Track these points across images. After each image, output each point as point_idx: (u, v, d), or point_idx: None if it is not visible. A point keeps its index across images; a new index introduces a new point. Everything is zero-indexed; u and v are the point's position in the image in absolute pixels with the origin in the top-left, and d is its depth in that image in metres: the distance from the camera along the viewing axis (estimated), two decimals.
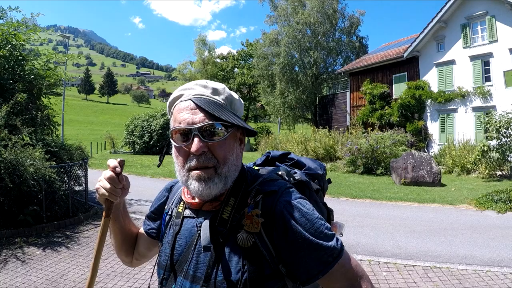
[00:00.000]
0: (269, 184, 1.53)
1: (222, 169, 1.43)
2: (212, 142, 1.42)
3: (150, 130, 38.82)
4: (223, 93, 1.52)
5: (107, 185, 1.53)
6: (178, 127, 1.43)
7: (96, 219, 10.85)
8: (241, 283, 1.37)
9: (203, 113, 1.42)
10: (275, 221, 1.42)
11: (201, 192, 1.43)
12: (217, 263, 1.41)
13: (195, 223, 1.53)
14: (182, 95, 1.50)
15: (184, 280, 1.48)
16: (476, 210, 11.85)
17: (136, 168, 24.57)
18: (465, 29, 26.44)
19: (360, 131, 24.34)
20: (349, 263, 1.47)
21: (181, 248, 1.54)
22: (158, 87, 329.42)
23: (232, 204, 1.48)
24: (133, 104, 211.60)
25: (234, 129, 1.49)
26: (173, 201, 1.71)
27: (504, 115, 18.58)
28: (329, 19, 43.63)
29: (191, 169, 1.43)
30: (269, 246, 1.42)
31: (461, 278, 6.55)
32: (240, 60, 62.67)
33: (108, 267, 7.07)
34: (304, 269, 1.43)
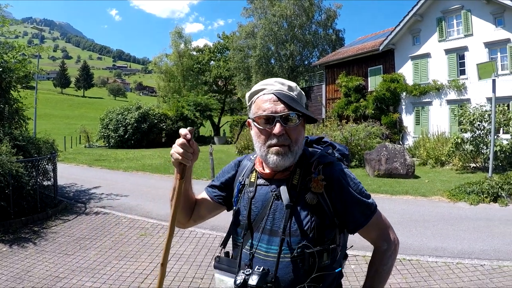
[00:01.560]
0: (324, 157, 1.97)
1: (294, 147, 1.85)
2: (289, 127, 1.83)
3: (125, 124, 38.14)
4: (296, 90, 1.93)
5: (180, 150, 1.79)
6: (264, 114, 1.83)
7: (65, 214, 10.55)
8: (310, 230, 1.80)
9: (283, 104, 1.82)
10: (334, 184, 1.87)
11: (277, 163, 1.84)
12: (291, 217, 1.83)
13: (269, 189, 1.94)
14: (264, 89, 1.89)
15: (262, 234, 1.89)
16: (449, 202, 11.82)
17: (109, 162, 24.11)
18: (440, 23, 26.48)
19: (335, 124, 24.14)
20: (381, 217, 2.01)
21: (257, 209, 1.94)
22: (134, 80, 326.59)
23: (299, 173, 1.91)
24: (109, 97, 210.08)
25: (302, 117, 1.88)
26: (244, 173, 2.11)
27: (478, 108, 18.56)
28: (306, 12, 43.55)
29: (271, 145, 1.83)
30: (328, 203, 1.86)
31: (431, 270, 6.47)
32: (216, 52, 62.34)
33: (73, 262, 6.95)
34: (352, 220, 1.91)
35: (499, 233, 8.49)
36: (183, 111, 41.45)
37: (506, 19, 22.92)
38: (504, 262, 6.75)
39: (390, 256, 2.00)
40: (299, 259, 1.80)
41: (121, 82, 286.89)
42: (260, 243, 1.88)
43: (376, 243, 2.03)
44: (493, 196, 11.51)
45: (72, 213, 10.59)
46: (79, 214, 10.53)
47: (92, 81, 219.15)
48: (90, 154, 29.77)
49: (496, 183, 11.84)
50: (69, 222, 9.80)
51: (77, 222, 9.76)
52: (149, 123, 38.78)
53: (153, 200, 12.39)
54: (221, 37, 63.04)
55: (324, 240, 1.82)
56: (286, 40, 43.60)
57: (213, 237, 8.45)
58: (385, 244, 2.00)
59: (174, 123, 40.44)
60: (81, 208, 11.28)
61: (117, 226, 9.44)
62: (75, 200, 12.27)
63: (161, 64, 59.20)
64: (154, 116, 39.84)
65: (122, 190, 13.86)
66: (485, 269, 6.44)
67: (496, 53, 23.43)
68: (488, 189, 11.69)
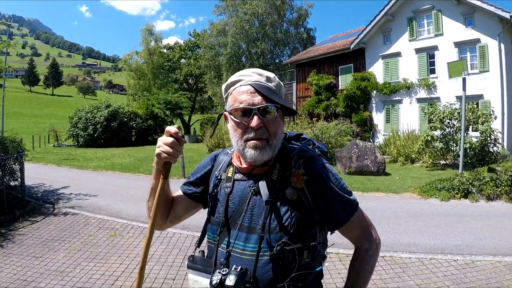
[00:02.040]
0: (305, 152, 1.90)
1: (273, 141, 1.77)
2: (267, 119, 1.75)
3: (94, 122, 37.26)
4: (274, 81, 1.85)
5: (169, 150, 1.74)
6: (240, 106, 1.75)
7: (33, 215, 10.18)
8: (290, 226, 1.72)
9: (261, 96, 1.74)
10: (315, 179, 1.81)
11: (255, 158, 1.75)
12: (271, 213, 1.75)
13: (247, 185, 1.85)
14: (241, 80, 1.80)
15: (239, 232, 1.79)
16: (420, 198, 11.89)
17: (78, 161, 23.57)
18: (411, 22, 26.70)
19: (305, 122, 24.11)
20: (362, 214, 1.95)
21: (234, 205, 1.84)
22: (104, 78, 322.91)
23: (279, 167, 1.83)
24: (78, 95, 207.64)
25: (281, 109, 1.80)
26: (220, 168, 2.01)
27: (447, 106, 18.87)
28: (277, 10, 43.74)
29: (248, 139, 1.75)
30: (309, 198, 1.79)
31: (405, 266, 6.42)
32: (187, 50, 61.99)
33: (42, 265, 6.68)
34: (333, 217, 1.84)
35: (471, 228, 8.53)
36: (153, 109, 40.98)
37: (476, 19, 23.19)
38: (476, 257, 6.77)
39: (372, 255, 1.93)
40: (279, 257, 1.72)
41: (90, 80, 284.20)
42: (237, 241, 1.81)
43: (357, 242, 1.97)
44: (464, 192, 11.60)
45: (40, 214, 10.24)
46: (47, 215, 10.19)
47: (61, 79, 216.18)
48: (59, 154, 29.12)
49: (466, 180, 11.90)
50: (37, 223, 9.46)
51: (45, 223, 9.43)
52: (119, 121, 38.06)
53: (122, 200, 12.11)
54: (192, 35, 62.81)
55: (304, 237, 1.76)
56: (257, 38, 43.67)
57: (184, 236, 8.24)
58: (367, 243, 1.94)
59: (144, 122, 39.92)
60: (49, 208, 10.92)
61: (86, 226, 9.14)
62: (43, 200, 11.89)
63: (131, 62, 58.55)
64: (124, 115, 39.13)
65: (91, 190, 13.52)
66: (459, 264, 6.42)
67: (466, 53, 23.66)
68: (459, 185, 11.77)
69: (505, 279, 5.79)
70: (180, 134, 1.77)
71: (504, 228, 8.53)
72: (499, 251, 7.07)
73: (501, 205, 10.88)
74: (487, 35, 22.47)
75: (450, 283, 5.70)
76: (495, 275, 5.97)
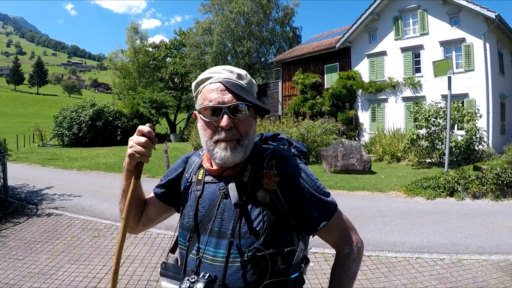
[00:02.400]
0: (278, 152, 1.80)
1: (244, 141, 1.68)
2: (238, 119, 1.66)
3: (79, 121, 36.78)
4: (246, 78, 1.76)
5: (142, 150, 1.67)
6: (210, 105, 1.65)
7: (16, 216, 9.95)
8: (262, 231, 1.63)
9: (231, 94, 1.65)
10: (288, 180, 1.70)
11: (226, 159, 1.66)
12: (241, 217, 1.66)
13: (217, 187, 1.76)
14: (211, 77, 1.71)
15: (209, 237, 1.71)
16: (406, 197, 11.88)
17: (63, 161, 23.28)
18: (397, 21, 26.79)
19: (291, 120, 24.07)
20: (342, 217, 1.82)
21: (204, 209, 1.75)
22: (90, 77, 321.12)
23: (250, 169, 1.74)
24: (64, 94, 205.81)
25: (253, 108, 1.71)
26: (191, 170, 1.92)
27: (433, 104, 18.91)
28: (263, 9, 43.77)
29: (219, 140, 1.66)
30: (282, 201, 1.69)
31: (391, 266, 6.36)
32: (172, 49, 61.77)
33: (24, 267, 6.51)
34: (309, 220, 1.73)
35: (457, 227, 8.50)
36: (138, 108, 40.71)
37: (461, 19, 23.36)
38: (463, 255, 6.73)
39: (354, 260, 1.81)
40: (250, 264, 1.64)
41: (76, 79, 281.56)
42: (208, 247, 1.72)
43: (337, 246, 1.85)
44: (450, 190, 11.61)
45: (24, 215, 10.04)
46: (30, 216, 9.98)
47: (47, 77, 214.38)
48: (43, 153, 28.78)
49: (452, 178, 11.91)
50: (20, 225, 9.25)
51: (28, 225, 9.23)
52: (104, 120, 37.66)
53: (107, 200, 11.93)
54: (177, 34, 62.61)
55: (278, 242, 1.67)
56: (243, 37, 43.65)
57: (168, 237, 8.11)
58: (348, 247, 1.81)
59: (130, 121, 39.59)
60: (32, 209, 10.72)
61: (69, 228, 8.97)
62: (26, 201, 11.67)
63: (117, 60, 58.25)
64: (109, 114, 38.77)
65: (75, 190, 13.33)
66: (445, 263, 6.38)
67: (451, 52, 23.79)
68: (445, 184, 11.78)
69: (491, 278, 5.74)
70: (153, 133, 1.70)
71: (490, 226, 8.51)
72: (486, 249, 7.04)
73: (486, 203, 10.89)
74: (473, 35, 22.63)
75: (436, 282, 5.63)
76: (482, 274, 5.92)
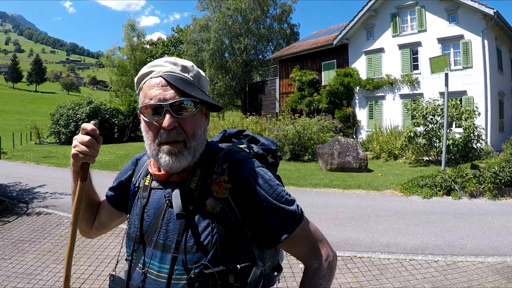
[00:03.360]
0: (233, 154, 1.61)
1: (192, 143, 1.50)
2: (182, 118, 1.47)
3: (76, 119, 36.57)
4: (192, 71, 1.56)
5: (86, 150, 1.51)
6: (150, 103, 1.47)
7: (6, 215, 9.81)
8: (211, 246, 1.45)
9: (174, 89, 1.46)
10: (242, 186, 1.51)
11: (171, 165, 1.48)
12: (187, 229, 1.48)
13: (163, 194, 1.57)
14: (152, 71, 1.52)
15: (154, 250, 1.53)
16: (402, 196, 11.74)
17: (58, 159, 23.09)
18: (394, 18, 26.67)
19: (288, 118, 23.96)
20: (309, 227, 1.61)
21: (149, 219, 1.58)
22: (88, 75, 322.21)
23: (199, 174, 1.55)
24: (62, 92, 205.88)
25: (201, 105, 1.54)
26: (140, 174, 1.75)
27: (430, 102, 18.75)
28: (261, 6, 43.73)
29: (161, 143, 1.48)
30: (236, 211, 1.50)
31: (383, 268, 6.17)
32: (170, 46, 62.06)
33: (10, 267, 6.37)
34: (268, 232, 1.53)
35: (453, 227, 8.34)
36: (135, 105, 40.52)
37: (459, 15, 23.23)
38: (458, 257, 6.55)
39: (323, 276, 1.60)
40: (198, 282, 1.46)
41: (74, 76, 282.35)
42: (153, 261, 1.54)
43: (305, 260, 1.65)
44: (446, 189, 11.43)
45: (13, 214, 9.91)
46: (20, 215, 9.85)
47: (45, 75, 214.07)
48: (39, 151, 28.69)
49: (449, 176, 11.74)
50: (9, 223, 9.11)
51: (17, 224, 9.09)
52: (101, 118, 37.39)
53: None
54: (175, 31, 62.73)
55: (231, 256, 1.50)
56: (240, 34, 43.62)
57: None
58: (316, 262, 1.60)
59: (126, 118, 39.53)
60: (22, 208, 10.59)
61: (58, 227, 8.81)
62: (17, 200, 11.54)
63: (114, 58, 58.44)
64: (106, 111, 38.67)
65: (67, 188, 13.08)
66: (439, 265, 6.19)
67: (449, 49, 23.67)
68: (441, 182, 11.60)
69: (487, 281, 5.54)
70: (97, 131, 1.54)
71: (487, 227, 8.33)
72: (482, 251, 6.85)
73: (484, 202, 10.72)
74: (471, 31, 22.51)
75: (429, 285, 5.44)
76: (477, 277, 5.72)
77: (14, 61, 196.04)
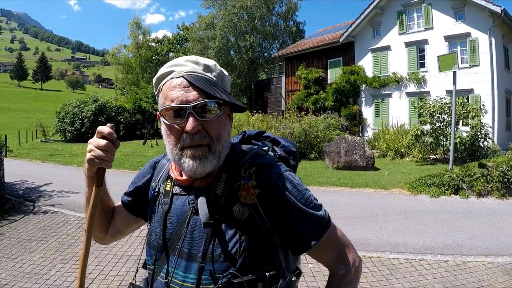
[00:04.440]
0: (259, 157, 1.56)
1: (216, 147, 1.43)
2: (207, 120, 1.41)
3: (82, 117, 36.72)
4: (215, 70, 1.49)
5: (102, 154, 1.43)
6: (171, 105, 1.40)
7: (12, 213, 9.81)
8: (239, 254, 1.39)
9: (197, 90, 1.39)
10: (270, 191, 1.46)
11: (195, 170, 1.42)
12: (214, 238, 1.42)
13: (186, 200, 1.52)
14: (173, 71, 1.45)
15: (178, 259, 1.47)
16: (409, 195, 11.67)
17: (64, 157, 23.11)
18: (401, 16, 26.58)
19: (294, 116, 23.87)
20: (336, 233, 1.58)
21: (172, 226, 1.53)
22: (94, 73, 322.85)
23: (225, 179, 1.49)
24: (67, 90, 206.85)
25: (225, 106, 1.46)
26: (159, 178, 1.69)
27: (438, 100, 18.64)
28: (266, 4, 43.68)
29: (184, 147, 1.42)
30: (263, 217, 1.45)
31: (393, 268, 6.16)
32: (175, 44, 62.00)
33: (17, 267, 6.35)
34: (296, 239, 1.49)
35: (461, 227, 8.30)
36: (141, 103, 40.58)
37: (466, 13, 23.13)
38: (468, 257, 6.52)
39: (350, 281, 1.56)
40: None
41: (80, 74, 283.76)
42: (177, 270, 1.48)
43: (331, 266, 1.60)
44: (454, 188, 11.37)
45: (20, 213, 9.90)
46: (26, 214, 9.84)
47: (50, 73, 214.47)
48: (45, 149, 28.69)
49: (457, 175, 11.68)
50: (15, 222, 9.12)
51: (24, 222, 9.10)
52: (107, 116, 37.56)
53: None
54: (180, 28, 62.67)
55: (259, 264, 1.44)
56: (246, 32, 43.63)
57: None
58: (343, 268, 1.56)
59: (132, 116, 39.57)
60: (29, 207, 10.56)
61: (65, 225, 8.81)
62: (24, 198, 11.51)
63: (119, 56, 58.46)
64: (112, 109, 38.80)
65: (73, 186, 13.12)
66: (449, 266, 6.17)
67: (456, 47, 23.57)
68: (449, 181, 11.54)
69: (497, 282, 5.54)
70: (114, 135, 1.46)
71: (496, 226, 8.30)
72: (491, 251, 6.83)
73: (492, 201, 10.67)
74: (478, 29, 22.40)
75: (440, 286, 5.43)
76: (487, 277, 5.71)
77: (19, 59, 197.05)
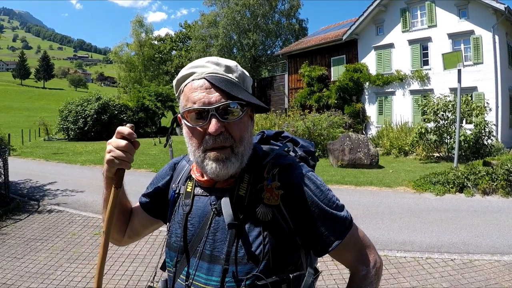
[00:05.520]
0: (281, 158, 1.55)
1: (239, 148, 1.43)
2: (230, 122, 1.40)
3: (84, 115, 36.73)
4: (236, 71, 1.49)
5: (122, 155, 1.42)
6: (194, 107, 1.39)
7: (17, 213, 9.81)
8: (263, 256, 1.39)
9: (219, 92, 1.39)
10: (293, 192, 1.45)
11: (218, 172, 1.41)
12: (237, 239, 1.41)
13: (208, 202, 1.52)
14: (194, 73, 1.45)
15: (200, 261, 1.46)
16: (414, 193, 11.66)
17: (67, 155, 23.16)
18: (404, 13, 26.54)
19: (297, 114, 23.84)
20: (357, 234, 1.56)
21: (194, 228, 1.52)
22: (96, 71, 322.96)
23: (247, 180, 1.49)
24: (70, 88, 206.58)
25: (248, 107, 1.46)
26: (179, 180, 1.69)
27: (441, 98, 18.64)
28: (269, 1, 43.75)
29: (207, 149, 1.42)
30: (287, 218, 1.45)
31: (400, 266, 6.16)
32: (178, 42, 62.04)
33: (22, 267, 6.34)
34: (319, 239, 1.48)
35: (467, 225, 8.30)
36: (144, 101, 40.66)
37: (470, 11, 23.12)
38: (474, 255, 6.53)
39: (371, 282, 1.56)
40: None
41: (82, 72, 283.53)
42: (198, 272, 1.47)
43: (352, 267, 1.59)
44: (459, 186, 11.36)
45: (25, 212, 9.90)
46: (31, 213, 9.83)
47: (53, 72, 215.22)
48: (48, 148, 28.73)
49: (462, 173, 11.66)
50: (20, 222, 9.12)
51: (29, 222, 9.09)
52: (109, 114, 37.58)
53: None
54: (183, 26, 62.64)
55: (283, 266, 1.43)
56: (248, 30, 43.62)
57: None
58: (364, 269, 1.56)
59: (135, 114, 39.62)
60: (34, 206, 10.57)
61: (70, 225, 8.80)
62: (28, 197, 11.53)
63: (122, 54, 58.43)
64: (115, 107, 38.75)
65: (78, 185, 13.17)
66: (456, 264, 6.17)
67: (460, 45, 23.58)
68: (454, 179, 11.52)
69: (504, 280, 5.55)
70: (134, 135, 1.46)
71: (501, 225, 8.29)
72: (497, 249, 6.83)
73: (497, 199, 10.65)
74: (481, 27, 22.38)
75: (447, 284, 5.44)
76: (494, 275, 5.72)
77: (21, 58, 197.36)
